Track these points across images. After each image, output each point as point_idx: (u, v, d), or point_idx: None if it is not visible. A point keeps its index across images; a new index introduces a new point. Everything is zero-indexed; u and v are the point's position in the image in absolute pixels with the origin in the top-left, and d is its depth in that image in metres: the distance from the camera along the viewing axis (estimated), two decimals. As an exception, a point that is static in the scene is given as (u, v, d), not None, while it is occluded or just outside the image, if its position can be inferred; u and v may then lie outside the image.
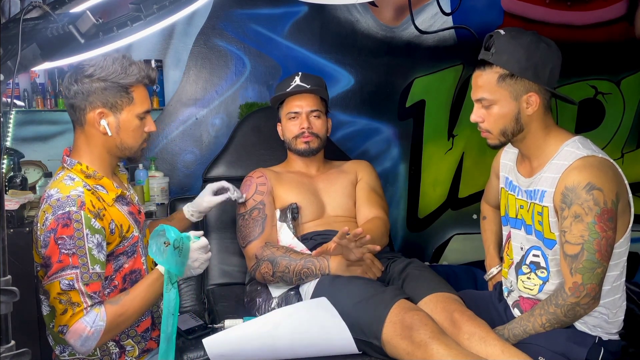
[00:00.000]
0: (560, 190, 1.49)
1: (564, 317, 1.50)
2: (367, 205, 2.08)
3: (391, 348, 1.56)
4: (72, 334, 1.42)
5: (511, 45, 1.51)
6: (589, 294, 1.47)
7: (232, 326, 1.73)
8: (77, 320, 1.42)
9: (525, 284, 1.63)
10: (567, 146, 1.54)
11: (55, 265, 1.43)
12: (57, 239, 1.42)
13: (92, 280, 1.44)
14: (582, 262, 1.45)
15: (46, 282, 1.46)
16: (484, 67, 1.55)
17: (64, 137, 2.59)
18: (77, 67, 1.52)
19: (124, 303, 1.48)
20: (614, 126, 3.24)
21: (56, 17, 1.32)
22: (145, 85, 1.58)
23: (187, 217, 1.90)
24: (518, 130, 1.56)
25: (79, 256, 1.43)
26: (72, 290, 1.42)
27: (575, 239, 1.46)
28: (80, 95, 1.50)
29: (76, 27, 1.31)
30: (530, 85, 1.52)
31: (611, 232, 1.46)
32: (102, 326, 1.43)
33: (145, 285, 1.52)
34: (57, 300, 1.44)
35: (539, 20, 3.06)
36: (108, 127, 1.52)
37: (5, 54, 1.25)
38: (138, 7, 1.39)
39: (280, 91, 2.14)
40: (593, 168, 1.47)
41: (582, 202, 1.45)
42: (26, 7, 1.30)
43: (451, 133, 3.11)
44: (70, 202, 1.44)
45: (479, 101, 1.57)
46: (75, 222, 1.43)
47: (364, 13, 2.92)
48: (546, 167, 1.56)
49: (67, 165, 1.55)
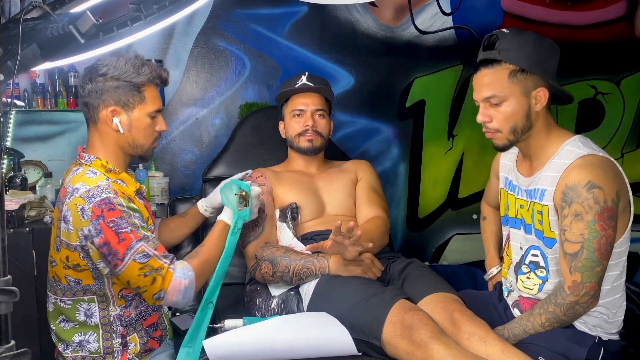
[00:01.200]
0: (560, 188, 1.49)
1: (563, 316, 1.50)
2: (368, 205, 2.08)
3: (391, 348, 1.56)
4: (172, 293, 1.53)
5: (518, 41, 1.52)
6: (588, 293, 1.46)
7: (232, 326, 1.74)
8: (170, 280, 1.52)
9: (525, 283, 1.63)
10: (567, 145, 1.54)
11: (119, 247, 1.47)
12: (108, 223, 1.46)
13: (157, 244, 1.54)
14: (582, 261, 1.45)
15: (120, 270, 1.48)
16: (491, 65, 1.54)
17: (64, 137, 2.59)
18: (92, 66, 1.57)
19: (203, 252, 1.66)
20: (613, 126, 3.24)
21: (56, 17, 1.32)
22: (157, 85, 1.63)
23: (202, 212, 1.95)
24: (528, 128, 1.55)
25: (136, 231, 1.50)
26: (149, 259, 1.50)
27: (575, 238, 1.46)
28: (94, 94, 1.55)
29: (76, 27, 1.31)
30: (538, 81, 1.53)
31: (611, 231, 1.45)
32: (192, 275, 1.56)
33: (215, 236, 1.70)
34: (141, 277, 1.49)
35: (539, 20, 3.06)
36: (120, 125, 1.57)
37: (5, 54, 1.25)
38: (138, 7, 1.40)
39: (287, 88, 2.14)
40: (594, 167, 1.47)
41: (583, 201, 1.45)
42: (26, 7, 1.30)
43: (451, 133, 3.11)
44: (104, 190, 1.49)
45: (487, 100, 1.55)
46: (118, 206, 1.48)
47: (364, 13, 2.92)
48: (546, 166, 1.56)
49: (86, 161, 1.59)
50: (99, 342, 1.57)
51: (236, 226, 1.74)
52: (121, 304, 1.58)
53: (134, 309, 1.60)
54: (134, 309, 1.60)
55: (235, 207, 1.75)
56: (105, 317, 1.57)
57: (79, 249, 1.50)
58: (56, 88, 2.49)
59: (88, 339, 1.57)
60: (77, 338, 1.58)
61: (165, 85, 1.67)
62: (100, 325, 1.57)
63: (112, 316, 1.58)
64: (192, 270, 1.58)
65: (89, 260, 1.52)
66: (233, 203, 1.75)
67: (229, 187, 1.78)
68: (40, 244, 2.07)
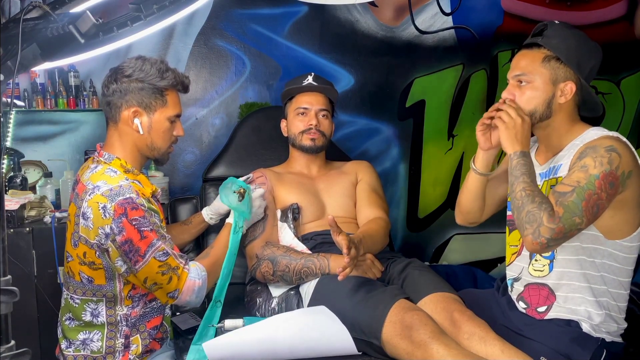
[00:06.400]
0: (580, 150, 1.48)
1: (530, 209, 1.41)
2: (368, 206, 2.08)
3: (391, 348, 1.56)
4: (186, 293, 1.59)
5: (564, 32, 1.56)
6: (553, 231, 1.38)
7: (232, 326, 1.74)
8: (185, 280, 1.58)
9: (535, 266, 1.61)
10: (592, 130, 1.56)
11: (141, 244, 1.50)
12: (131, 221, 1.49)
13: (173, 245, 1.60)
14: (568, 201, 1.41)
15: (140, 267, 1.52)
16: (530, 48, 1.59)
17: (64, 137, 2.59)
18: (117, 67, 1.60)
19: (213, 254, 1.72)
20: (613, 126, 3.24)
21: (56, 17, 1.32)
22: (179, 90, 1.66)
23: (206, 220, 1.97)
24: (546, 116, 1.56)
25: (157, 230, 1.54)
26: (168, 257, 1.55)
27: (570, 182, 1.43)
28: (118, 94, 1.58)
29: (76, 27, 1.32)
30: (570, 74, 1.55)
31: (604, 197, 1.42)
32: (205, 275, 1.63)
33: (224, 237, 1.76)
34: (159, 275, 1.54)
35: (539, 20, 3.03)
36: (140, 126, 1.60)
37: (5, 54, 1.25)
38: (138, 7, 1.40)
39: (293, 86, 2.15)
40: (620, 141, 1.48)
41: (597, 156, 1.43)
42: (26, 7, 1.30)
43: (451, 133, 3.11)
44: (127, 190, 1.52)
45: (517, 78, 1.58)
46: (140, 205, 1.52)
47: (364, 13, 2.92)
48: (567, 147, 1.56)
49: (105, 160, 1.61)
50: (102, 342, 1.58)
51: (237, 225, 1.77)
52: (128, 304, 1.59)
53: (140, 310, 1.61)
54: (140, 310, 1.61)
55: (233, 204, 1.78)
56: (112, 316, 1.59)
57: (95, 247, 1.52)
58: (56, 88, 2.49)
59: (92, 338, 1.59)
60: (81, 336, 1.59)
61: (186, 92, 1.70)
62: (106, 324, 1.58)
63: (119, 315, 1.59)
64: (204, 271, 1.63)
65: (104, 259, 1.53)
66: (231, 200, 1.78)
67: (227, 186, 1.81)
68: (40, 244, 2.08)
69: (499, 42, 3.07)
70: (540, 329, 1.57)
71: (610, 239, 1.51)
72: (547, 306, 1.58)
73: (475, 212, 1.79)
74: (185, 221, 2.01)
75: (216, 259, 1.71)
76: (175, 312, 1.94)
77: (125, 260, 1.52)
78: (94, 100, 2.51)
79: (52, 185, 2.40)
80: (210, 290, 1.72)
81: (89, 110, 2.53)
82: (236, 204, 1.78)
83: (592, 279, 1.53)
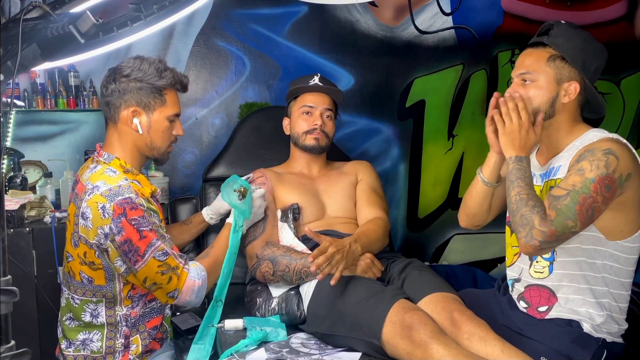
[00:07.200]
0: (578, 153, 1.49)
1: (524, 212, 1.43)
2: (368, 206, 2.08)
3: (391, 348, 1.56)
4: (185, 293, 1.58)
5: (569, 32, 1.57)
6: (545, 234, 1.40)
7: (232, 326, 1.75)
8: (185, 280, 1.57)
9: (535, 267, 1.61)
10: (592, 131, 1.56)
11: (141, 244, 1.50)
12: (130, 221, 1.49)
13: (172, 245, 1.60)
14: (561, 204, 1.41)
15: (140, 266, 1.51)
16: (536, 47, 1.59)
17: (64, 137, 2.59)
18: (116, 67, 1.61)
19: (213, 254, 1.71)
20: (614, 126, 3.24)
21: (56, 17, 1.32)
22: (177, 90, 1.66)
23: (207, 220, 1.97)
24: (549, 116, 1.56)
25: (156, 230, 1.54)
26: (168, 257, 1.55)
27: (566, 185, 1.44)
28: (117, 94, 1.58)
29: (76, 27, 1.32)
30: (574, 74, 1.55)
31: (600, 200, 1.42)
32: (205, 275, 1.63)
33: (224, 237, 1.76)
34: (159, 275, 1.54)
35: (539, 20, 3.06)
36: (140, 126, 1.60)
37: (5, 54, 1.25)
38: (138, 7, 1.40)
39: (299, 85, 2.15)
40: (619, 144, 1.48)
41: (594, 160, 1.43)
42: (26, 7, 1.30)
43: (451, 133, 3.11)
44: (126, 190, 1.52)
45: (521, 76, 1.59)
46: (140, 205, 1.52)
47: (364, 13, 2.92)
48: (566, 149, 1.56)
49: (105, 160, 1.61)
50: (102, 342, 1.58)
51: (237, 224, 1.78)
52: (128, 305, 1.60)
53: (140, 310, 1.61)
54: (139, 310, 1.61)
55: (234, 202, 1.79)
56: (111, 316, 1.59)
57: (94, 247, 1.52)
58: (56, 88, 2.49)
59: (92, 338, 1.59)
60: (81, 337, 1.59)
61: (185, 91, 1.70)
62: (106, 324, 1.58)
63: (119, 315, 1.59)
64: (204, 271, 1.63)
65: (103, 259, 1.53)
66: (232, 199, 1.79)
67: (230, 183, 1.81)
68: (40, 244, 2.08)
69: (499, 42, 3.08)
70: (540, 328, 1.57)
71: (611, 239, 1.51)
72: (548, 306, 1.58)
73: (482, 215, 1.79)
74: (185, 221, 2.01)
75: (216, 259, 1.71)
76: (175, 312, 1.94)
77: (125, 260, 1.52)
78: (94, 100, 2.51)
79: (52, 185, 2.40)
80: (211, 290, 1.72)
81: (89, 110, 2.53)
82: (237, 203, 1.79)
83: (592, 281, 1.53)
